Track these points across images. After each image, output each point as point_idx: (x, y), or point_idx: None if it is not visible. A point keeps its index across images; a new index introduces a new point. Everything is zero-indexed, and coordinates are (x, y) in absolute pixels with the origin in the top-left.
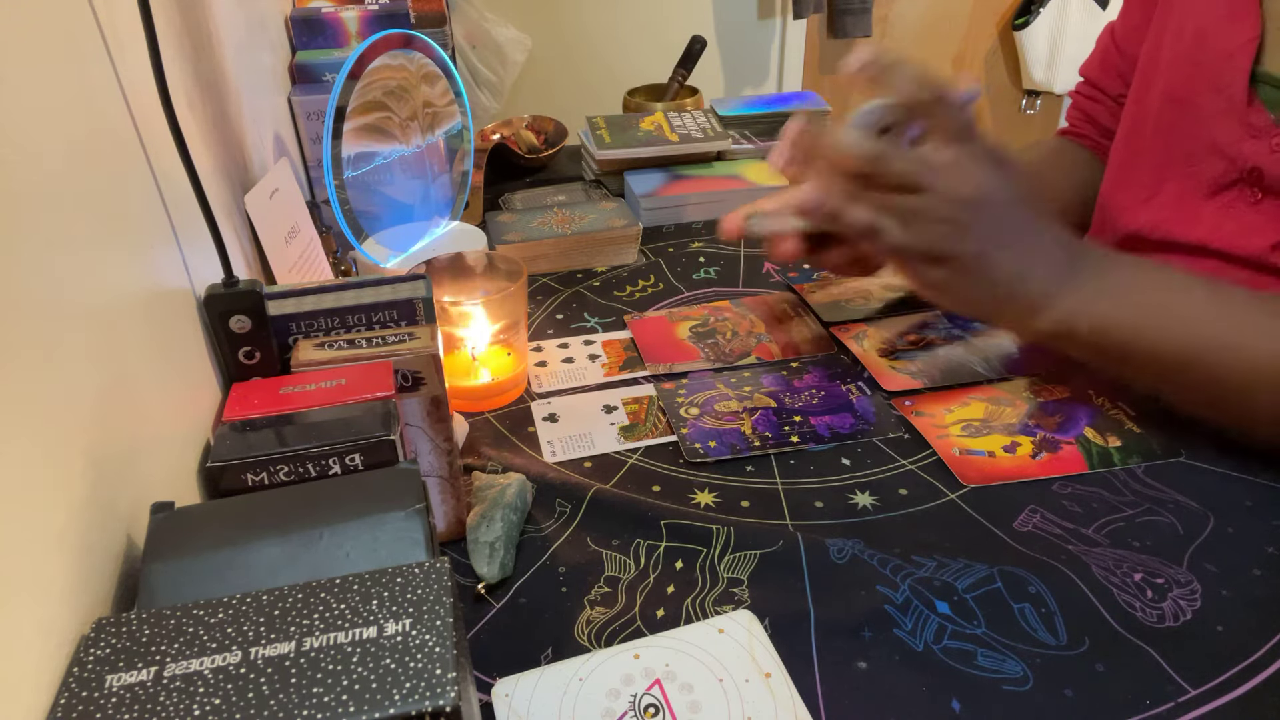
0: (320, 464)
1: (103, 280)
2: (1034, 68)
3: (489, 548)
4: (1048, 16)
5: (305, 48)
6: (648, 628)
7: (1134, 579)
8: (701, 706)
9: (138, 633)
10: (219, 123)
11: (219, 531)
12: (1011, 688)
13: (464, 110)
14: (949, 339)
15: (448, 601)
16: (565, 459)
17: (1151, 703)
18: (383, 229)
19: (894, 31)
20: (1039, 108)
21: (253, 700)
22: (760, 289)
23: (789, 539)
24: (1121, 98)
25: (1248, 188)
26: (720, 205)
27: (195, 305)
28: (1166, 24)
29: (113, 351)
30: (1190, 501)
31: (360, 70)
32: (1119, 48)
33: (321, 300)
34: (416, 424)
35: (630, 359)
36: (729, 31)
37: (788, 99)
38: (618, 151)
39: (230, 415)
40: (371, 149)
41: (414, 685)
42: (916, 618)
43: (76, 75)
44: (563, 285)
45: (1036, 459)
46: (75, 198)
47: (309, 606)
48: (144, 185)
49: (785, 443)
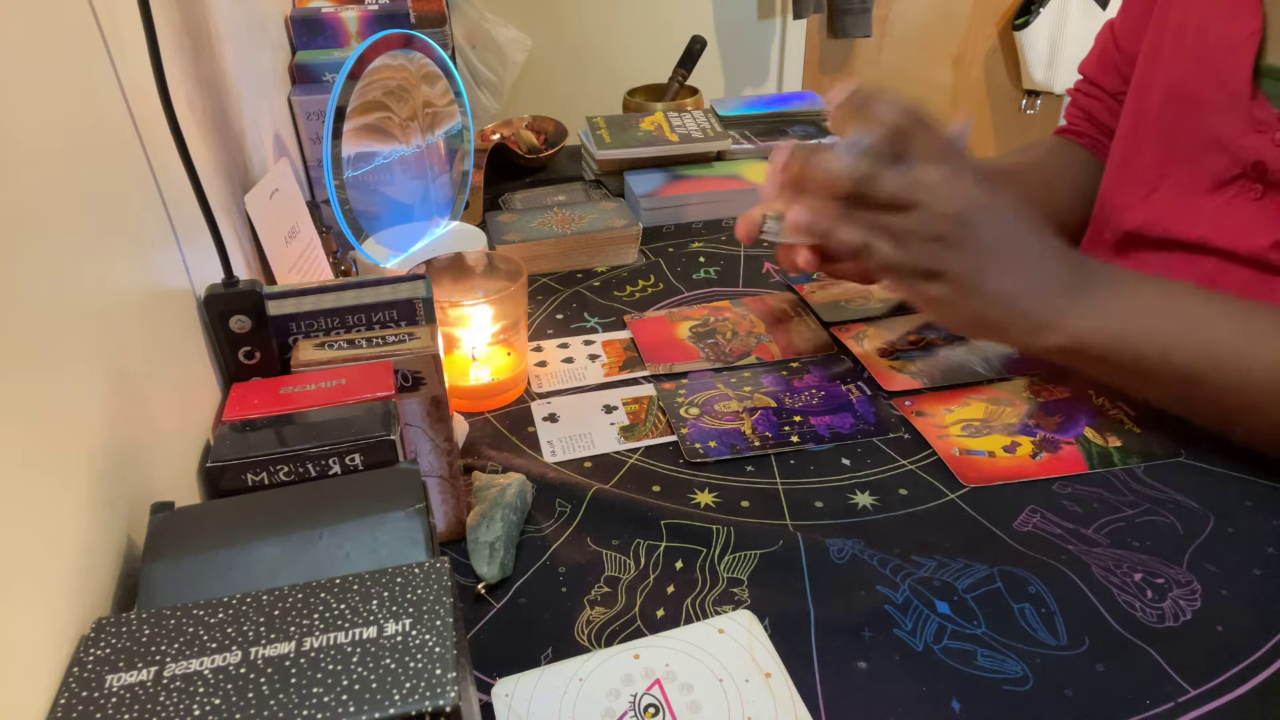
0: (320, 464)
1: (103, 280)
2: (1034, 68)
3: (489, 548)
4: (1048, 16)
5: (305, 48)
6: (648, 628)
7: (1134, 579)
8: (701, 706)
9: (138, 633)
10: (219, 123)
11: (219, 531)
12: (1011, 688)
13: (464, 110)
14: (949, 339)
15: (448, 601)
16: (565, 459)
17: (1151, 703)
18: (383, 229)
19: (894, 31)
20: (1039, 108)
21: (253, 700)
22: (760, 289)
23: (789, 539)
24: (1121, 95)
25: (1250, 182)
26: (720, 205)
27: (195, 305)
28: (1167, 20)
29: (113, 352)
30: (1190, 501)
31: (360, 70)
32: (1118, 45)
33: (321, 300)
34: (416, 424)
35: (630, 359)
36: (729, 31)
37: (788, 99)
38: (618, 151)
39: (230, 415)
40: (371, 149)
41: (414, 685)
42: (916, 618)
43: (76, 75)
44: (563, 285)
45: (1036, 459)
46: (75, 198)
47: (309, 606)
48: (144, 185)
49: (785, 443)
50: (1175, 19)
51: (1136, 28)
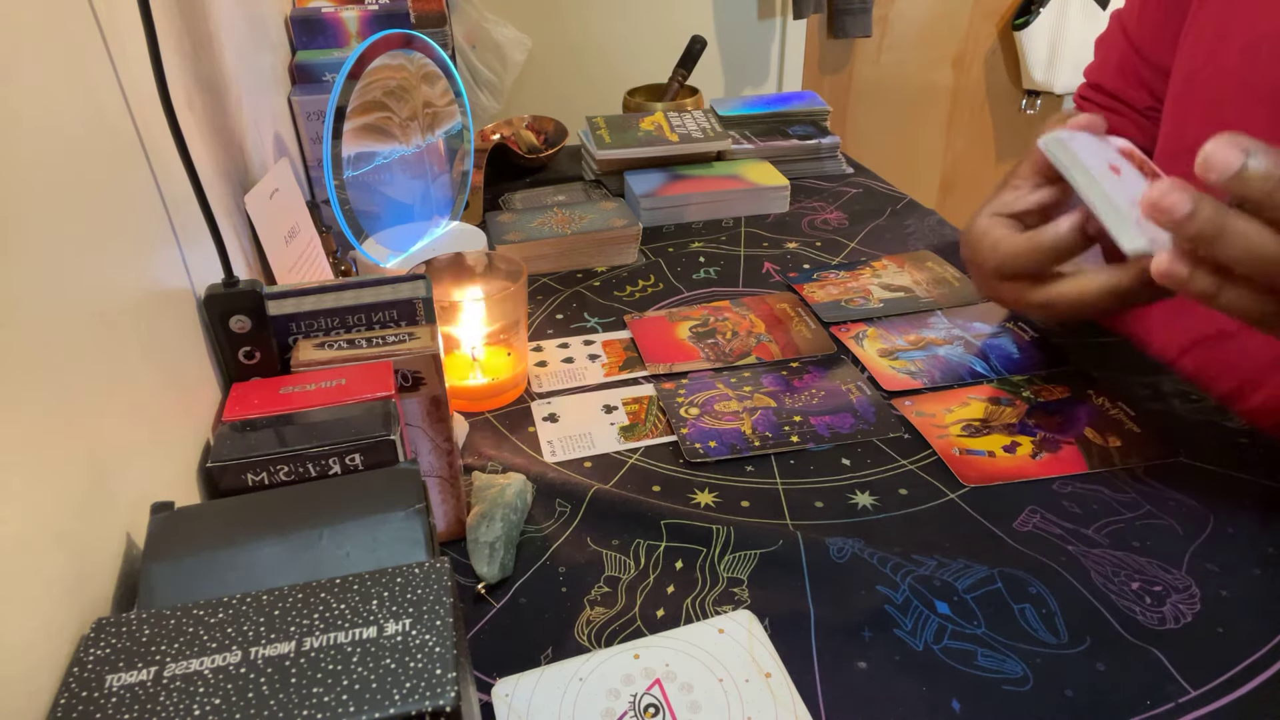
0: (320, 464)
1: (103, 280)
2: (1034, 68)
3: (489, 548)
4: (1048, 16)
5: (305, 48)
6: (648, 628)
7: (1134, 583)
8: (701, 706)
9: (138, 633)
10: (219, 123)
11: (219, 531)
12: (1011, 688)
13: (464, 110)
14: (949, 339)
15: (448, 601)
16: (565, 459)
17: (1152, 703)
18: (383, 229)
19: (894, 31)
20: (1039, 108)
21: (253, 700)
22: (760, 289)
23: (789, 539)
24: (1150, 111)
25: None
26: (720, 205)
27: (195, 305)
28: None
29: (113, 351)
30: (1190, 501)
31: (360, 70)
32: (1141, 55)
33: (321, 300)
34: (416, 424)
35: (630, 359)
36: (729, 31)
37: (788, 99)
38: (618, 151)
39: (230, 415)
40: (371, 149)
41: (414, 685)
42: (916, 618)
43: (76, 75)
44: (563, 285)
45: (1036, 459)
46: (75, 198)
47: (309, 606)
48: (144, 185)
49: (785, 442)
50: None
51: (1160, 36)
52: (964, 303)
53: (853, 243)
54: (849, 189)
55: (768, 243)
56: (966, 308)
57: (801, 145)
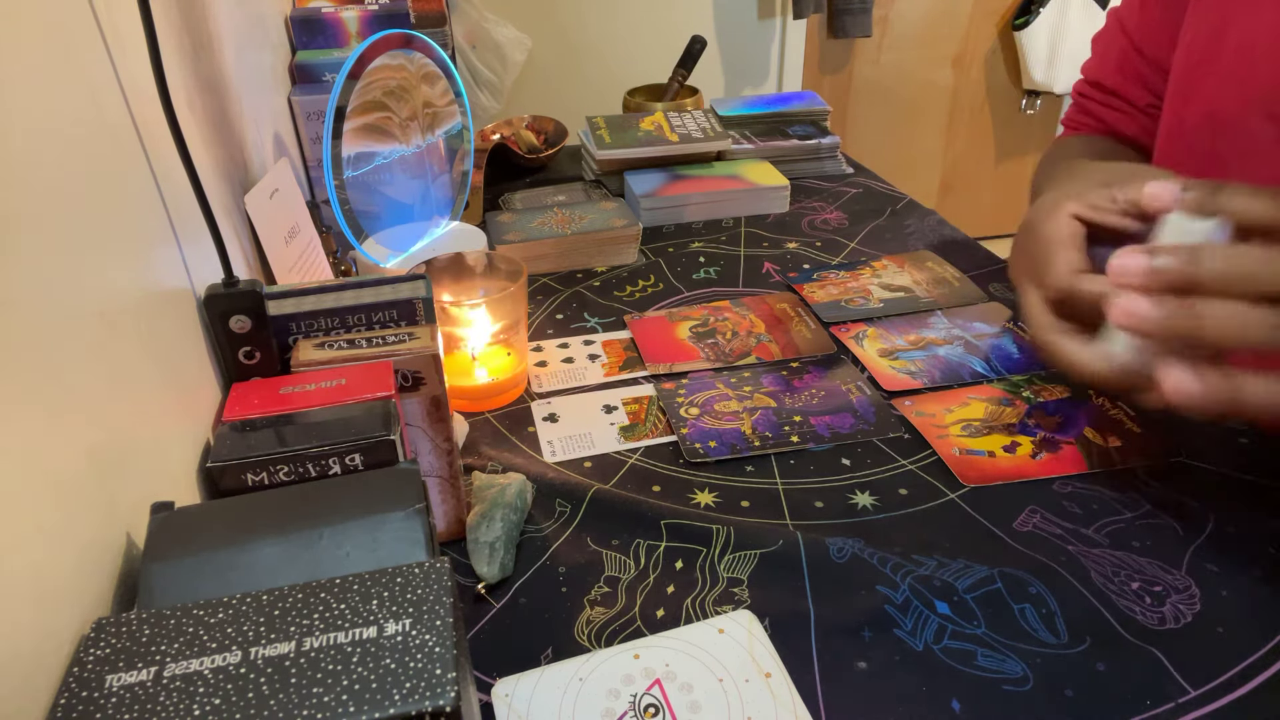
0: (320, 464)
1: (103, 280)
2: (1034, 68)
3: (489, 548)
4: (1048, 16)
5: (305, 48)
6: (648, 628)
7: (1134, 583)
8: (701, 706)
9: (138, 633)
10: (219, 123)
11: (219, 531)
12: (1011, 688)
13: (464, 110)
14: (949, 339)
15: (448, 601)
16: (565, 459)
17: (1152, 703)
18: (383, 229)
19: (894, 31)
20: (1039, 108)
21: (253, 700)
22: (760, 289)
23: (789, 539)
24: (1151, 108)
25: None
26: (720, 205)
27: (195, 305)
28: (1199, 28)
29: (113, 351)
30: (1190, 501)
31: (360, 70)
32: (1140, 53)
33: (321, 300)
34: (416, 424)
35: (630, 359)
36: (729, 31)
37: (788, 99)
38: (618, 151)
39: (230, 415)
40: (371, 149)
41: (414, 685)
42: (916, 618)
43: (77, 75)
44: (563, 285)
45: (1036, 459)
46: (75, 198)
47: (309, 606)
48: (144, 185)
49: (785, 442)
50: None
51: (1160, 33)
52: (964, 303)
53: (853, 243)
54: (849, 189)
55: (768, 243)
56: (966, 308)
57: (801, 145)
